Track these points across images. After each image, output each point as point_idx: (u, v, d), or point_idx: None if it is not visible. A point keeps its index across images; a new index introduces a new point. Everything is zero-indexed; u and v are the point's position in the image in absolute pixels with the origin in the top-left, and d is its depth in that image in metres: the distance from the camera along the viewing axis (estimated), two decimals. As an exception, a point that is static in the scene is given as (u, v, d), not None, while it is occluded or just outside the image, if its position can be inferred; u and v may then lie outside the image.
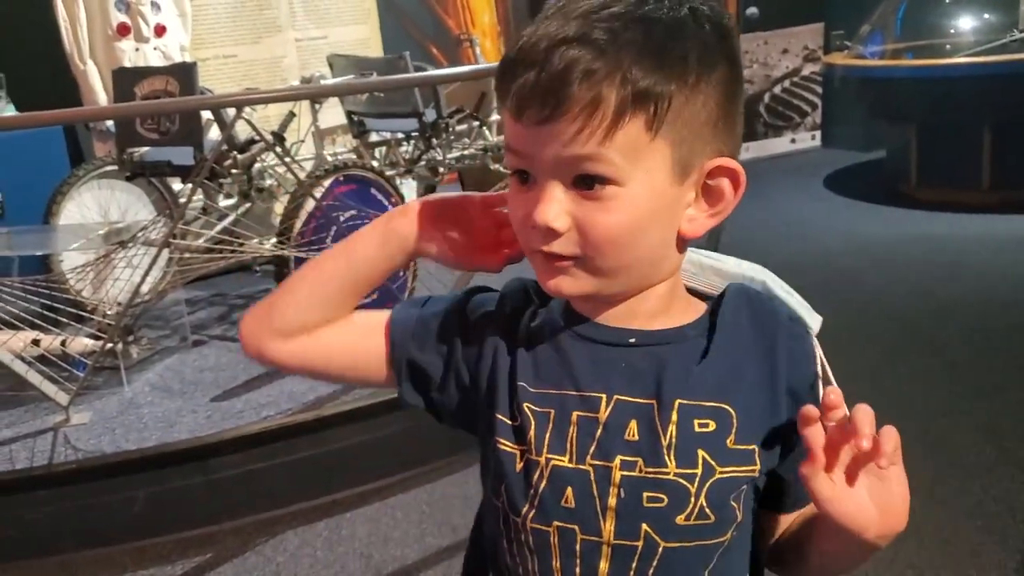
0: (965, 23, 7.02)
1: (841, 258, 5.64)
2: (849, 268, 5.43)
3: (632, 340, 0.96)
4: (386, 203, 4.20)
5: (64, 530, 3.14)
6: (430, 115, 5.15)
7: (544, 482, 0.94)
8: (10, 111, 5.13)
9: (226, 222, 4.43)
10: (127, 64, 5.13)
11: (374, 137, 5.49)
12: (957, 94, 6.35)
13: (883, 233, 6.14)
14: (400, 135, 5.39)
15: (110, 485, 3.21)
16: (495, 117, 5.81)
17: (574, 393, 0.96)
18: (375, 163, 5.05)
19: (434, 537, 3.10)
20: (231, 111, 3.67)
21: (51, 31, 5.15)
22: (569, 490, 0.94)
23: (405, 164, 5.33)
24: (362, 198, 4.08)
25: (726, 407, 0.93)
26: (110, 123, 5.01)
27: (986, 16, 6.95)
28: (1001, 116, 6.38)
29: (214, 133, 4.39)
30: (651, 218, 0.89)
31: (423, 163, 5.36)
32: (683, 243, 0.95)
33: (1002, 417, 3.51)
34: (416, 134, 5.24)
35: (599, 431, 0.94)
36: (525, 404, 0.97)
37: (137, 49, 5.33)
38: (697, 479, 0.92)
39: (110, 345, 3.71)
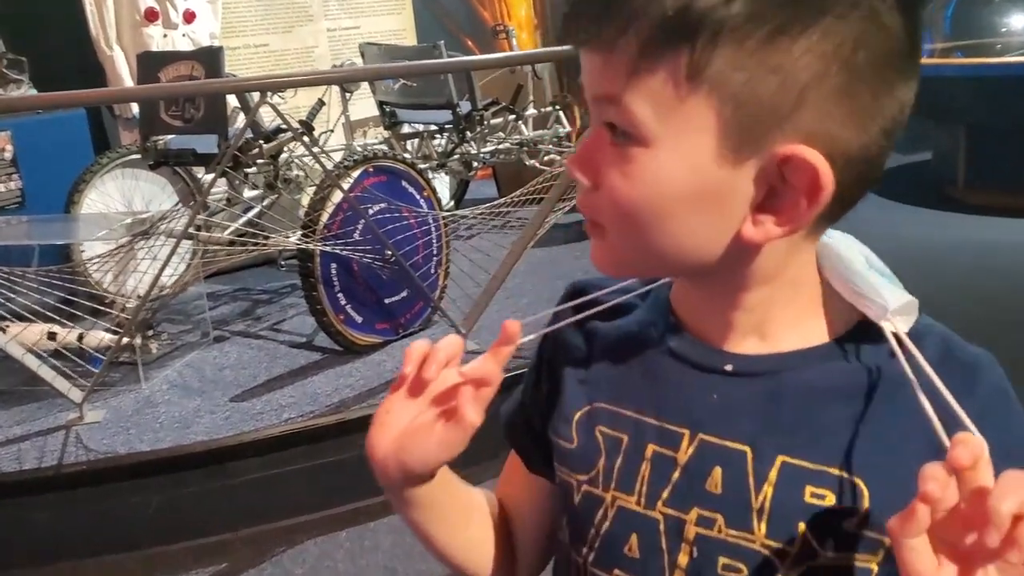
0: (1017, 21, 6.80)
1: (885, 262, 5.43)
2: (893, 272, 5.23)
3: (728, 367, 0.76)
4: (417, 196, 4.03)
5: (73, 535, 3.02)
6: (464, 107, 5.00)
7: (607, 523, 0.79)
8: (33, 96, 5.01)
9: (251, 214, 4.30)
10: (155, 51, 5.00)
11: (406, 129, 5.35)
12: (1008, 94, 6.13)
13: (929, 237, 5.93)
14: (433, 127, 5.24)
15: (122, 488, 3.09)
16: (532, 111, 5.65)
17: (653, 422, 0.78)
18: (407, 155, 4.90)
19: (461, 551, 2.93)
20: (255, 96, 3.52)
21: (76, 15, 5.03)
22: (634, 537, 0.77)
23: (438, 157, 5.18)
24: (392, 191, 3.92)
25: (857, 481, 0.70)
26: (136, 110, 4.88)
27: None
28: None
29: (240, 122, 4.26)
30: (684, 202, 0.67)
31: (456, 157, 5.21)
32: (750, 247, 0.70)
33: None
34: (450, 126, 5.09)
35: (676, 474, 0.76)
36: (598, 427, 0.81)
37: (165, 35, 5.21)
38: (790, 558, 0.71)
39: (128, 340, 3.57)
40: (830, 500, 0.71)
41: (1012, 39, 6.70)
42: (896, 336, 0.72)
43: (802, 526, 0.71)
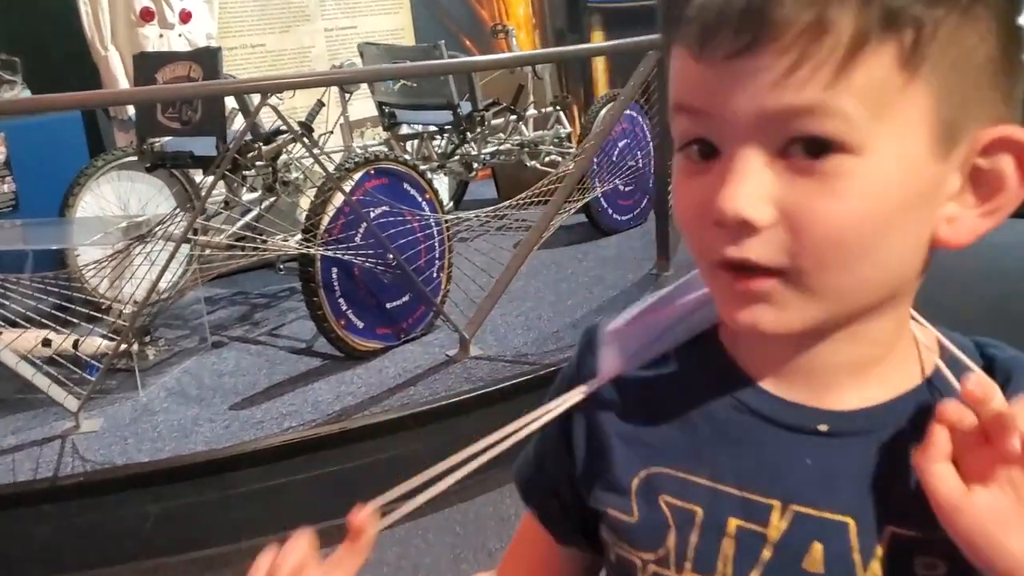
0: None
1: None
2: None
3: (823, 427, 0.66)
4: (419, 199, 3.96)
5: (70, 548, 2.94)
6: (465, 107, 4.93)
7: None
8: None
9: (249, 217, 4.22)
10: (150, 51, 4.92)
11: (405, 130, 5.27)
12: None
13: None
14: (433, 128, 5.17)
15: (120, 500, 3.00)
16: (532, 112, 5.58)
17: (734, 492, 0.67)
18: (406, 157, 4.83)
19: (469, 564, 2.85)
20: (255, 98, 3.44)
21: (71, 15, 4.94)
22: None
23: (438, 158, 5.11)
24: (394, 193, 3.84)
25: None
26: (132, 112, 4.81)
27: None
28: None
29: (239, 124, 4.19)
30: (901, 209, 0.58)
31: (456, 158, 5.14)
32: (931, 255, 0.64)
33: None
34: (450, 127, 5.02)
35: (767, 552, 0.66)
36: (662, 497, 0.69)
37: (161, 36, 5.14)
38: None
39: (125, 346, 3.50)
40: (941, 570, 0.63)
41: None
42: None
43: None
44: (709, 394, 0.70)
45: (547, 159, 5.46)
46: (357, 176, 3.73)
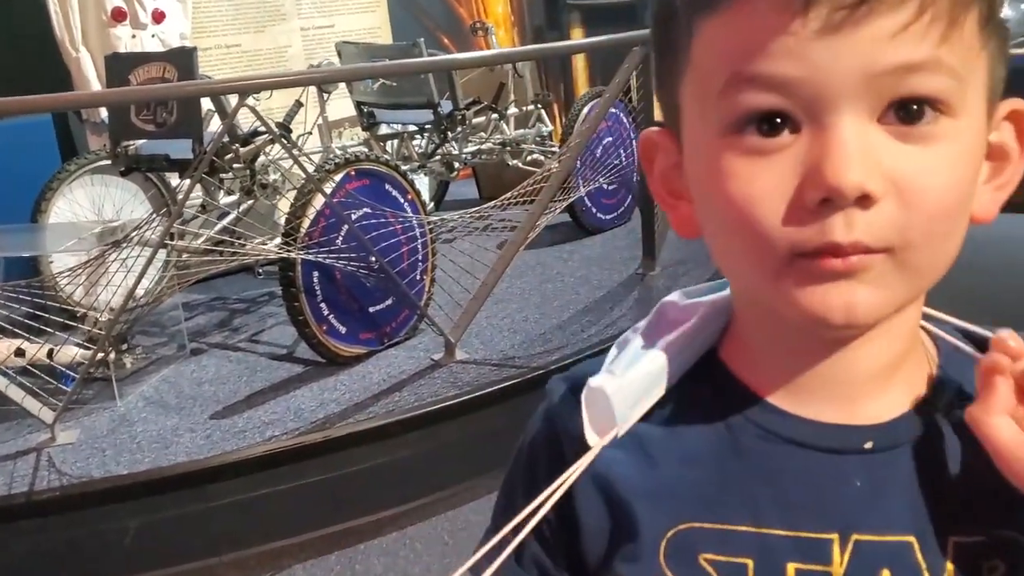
0: (1005, 12, 6.74)
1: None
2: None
3: (868, 444, 0.61)
4: (402, 200, 3.88)
5: (47, 564, 2.86)
6: (445, 106, 4.86)
7: None
8: (-3, 101, 4.82)
9: (227, 220, 4.13)
10: (123, 52, 4.82)
11: (384, 130, 5.20)
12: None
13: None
14: (413, 127, 5.10)
15: (98, 514, 2.93)
16: (513, 110, 5.52)
17: (785, 533, 0.61)
18: (386, 157, 4.75)
19: (459, 574, 2.79)
20: (233, 99, 3.36)
21: (40, 16, 4.84)
22: None
23: (418, 158, 5.04)
24: (376, 194, 3.77)
25: (1019, 537, 0.60)
26: (105, 114, 4.71)
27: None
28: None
29: (215, 125, 4.10)
30: (977, 176, 0.58)
31: (437, 157, 5.07)
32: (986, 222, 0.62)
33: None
34: (430, 126, 4.95)
35: None
36: (702, 555, 0.62)
37: (134, 36, 5.03)
38: None
39: (101, 355, 3.41)
40: (1002, 571, 0.60)
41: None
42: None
43: None
44: (729, 427, 0.64)
45: (529, 158, 5.40)
46: (338, 178, 3.66)
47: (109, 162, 4.26)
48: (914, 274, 0.56)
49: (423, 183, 5.56)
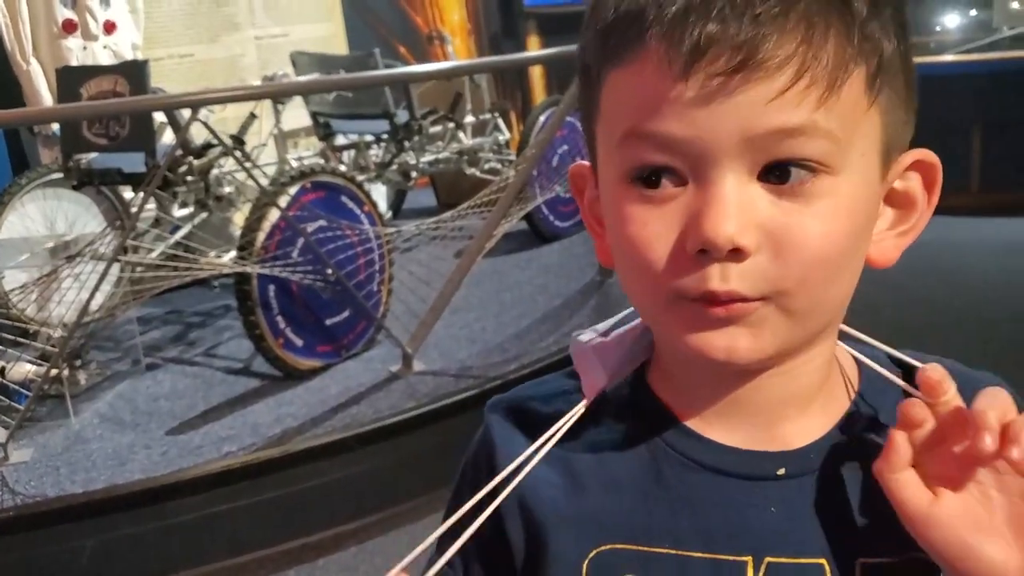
0: (951, 20, 6.86)
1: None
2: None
3: (781, 471, 0.64)
4: (358, 211, 3.88)
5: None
6: (402, 116, 4.86)
7: None
8: (-54, 114, 4.76)
9: (181, 234, 4.10)
10: (74, 63, 4.78)
11: (340, 140, 5.19)
12: (944, 94, 6.14)
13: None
14: (369, 137, 5.09)
15: (53, 534, 2.89)
16: (470, 119, 5.53)
17: (703, 556, 0.64)
18: (343, 167, 4.74)
19: (420, 588, 2.79)
20: (186, 112, 3.34)
21: (-10, 28, 4.79)
22: None
23: (375, 168, 5.04)
24: (332, 207, 3.76)
25: (925, 556, 0.61)
26: (56, 127, 4.66)
27: (973, 13, 6.79)
28: (990, 117, 6.19)
29: (168, 138, 4.08)
30: (864, 227, 0.60)
31: (394, 167, 5.07)
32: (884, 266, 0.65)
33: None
34: (387, 136, 4.95)
35: None
36: None
37: (85, 47, 4.98)
38: None
39: (55, 371, 3.38)
40: None
41: (947, 37, 6.75)
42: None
43: None
44: (652, 453, 0.67)
45: (487, 166, 5.42)
46: (293, 190, 3.65)
47: (61, 176, 4.21)
48: (797, 318, 0.59)
49: (380, 192, 5.56)
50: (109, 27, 5.04)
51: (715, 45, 0.54)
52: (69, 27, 4.91)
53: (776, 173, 0.56)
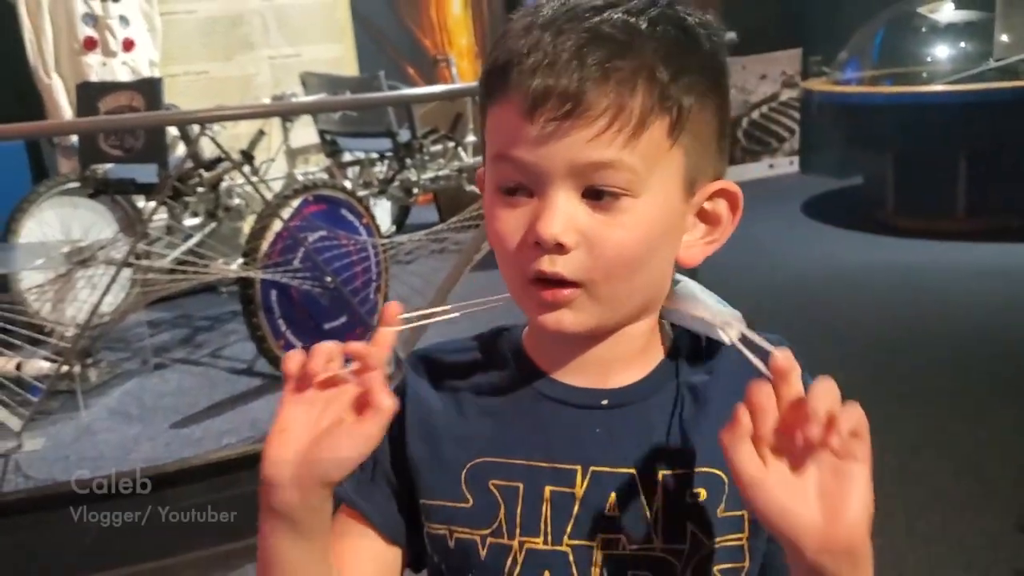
0: (942, 51, 7.00)
1: (818, 285, 5.56)
2: (826, 295, 5.35)
3: (605, 402, 0.86)
4: (356, 223, 4.09)
5: (13, 562, 3.00)
6: (404, 135, 5.07)
7: (519, 567, 0.85)
8: (-29, 125, 4.98)
9: (191, 242, 4.31)
10: (94, 79, 5.01)
11: (347, 157, 5.40)
12: (933, 121, 6.31)
13: (860, 260, 6.07)
14: (374, 155, 5.30)
15: (62, 515, 3.06)
16: (471, 138, 5.73)
17: (545, 465, 0.85)
18: (348, 183, 4.95)
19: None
20: (197, 128, 3.56)
21: (15, 44, 5.03)
22: (547, 573, 0.84)
23: (378, 184, 5.24)
24: (332, 219, 3.98)
25: (717, 472, 0.83)
26: (75, 139, 4.88)
27: (963, 45, 6.94)
28: (977, 144, 6.33)
29: (181, 151, 4.29)
30: (661, 236, 0.80)
31: (396, 183, 5.27)
32: (673, 271, 0.86)
33: (984, 448, 3.42)
34: (390, 154, 5.15)
35: (576, 508, 0.84)
36: (490, 481, 0.86)
37: (104, 64, 5.22)
38: (684, 555, 0.83)
39: (67, 368, 3.58)
40: (703, 495, 0.83)
41: (937, 68, 6.89)
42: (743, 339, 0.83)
43: (689, 525, 0.83)
44: (516, 392, 0.88)
45: (486, 184, 5.58)
46: (296, 203, 3.86)
47: (78, 184, 4.43)
48: (605, 303, 0.80)
49: (384, 207, 5.77)
50: (128, 45, 5.27)
51: (551, 96, 0.74)
52: (90, 44, 5.14)
53: (593, 194, 0.76)
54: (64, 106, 5.09)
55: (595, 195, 0.77)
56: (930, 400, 3.88)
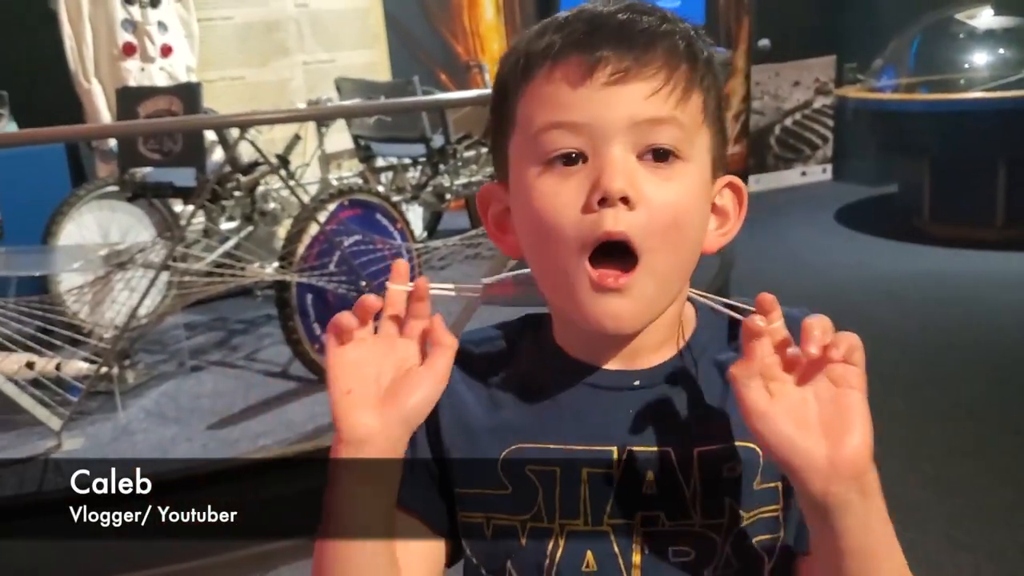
0: (979, 58, 6.95)
1: (852, 293, 5.53)
2: (860, 304, 5.31)
3: (636, 383, 0.88)
4: (391, 228, 4.12)
5: (52, 561, 3.03)
6: (437, 140, 5.09)
7: (560, 550, 0.86)
8: (12, 129, 5.05)
9: (228, 245, 4.36)
10: (132, 84, 5.06)
11: (380, 162, 5.43)
12: (971, 129, 6.26)
13: (895, 269, 6.03)
14: (407, 160, 5.32)
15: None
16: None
17: (581, 448, 0.86)
18: (381, 188, 4.98)
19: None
20: (235, 132, 3.59)
21: (56, 49, 5.09)
22: (589, 554, 0.85)
23: (411, 189, 5.27)
24: (367, 223, 4.00)
25: (751, 446, 0.84)
26: (113, 143, 4.93)
27: (1001, 51, 6.89)
28: (1016, 152, 6.28)
29: (218, 155, 4.33)
30: (704, 205, 0.84)
31: (429, 189, 5.29)
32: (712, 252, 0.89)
33: (1021, 458, 3.39)
34: (423, 159, 5.18)
35: (614, 488, 0.85)
36: (527, 468, 0.87)
37: (143, 69, 5.27)
38: (724, 529, 0.85)
39: (105, 369, 3.62)
40: (739, 470, 0.85)
41: (975, 74, 6.84)
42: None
43: (727, 500, 0.84)
44: (547, 378, 0.89)
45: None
46: (332, 207, 3.89)
47: (117, 188, 4.48)
48: (660, 280, 0.81)
49: (417, 213, 5.79)
50: (166, 50, 5.32)
51: (609, 57, 0.78)
52: (129, 50, 5.19)
53: (651, 155, 0.79)
54: (103, 111, 5.14)
55: (654, 156, 0.80)
56: (967, 410, 3.85)
